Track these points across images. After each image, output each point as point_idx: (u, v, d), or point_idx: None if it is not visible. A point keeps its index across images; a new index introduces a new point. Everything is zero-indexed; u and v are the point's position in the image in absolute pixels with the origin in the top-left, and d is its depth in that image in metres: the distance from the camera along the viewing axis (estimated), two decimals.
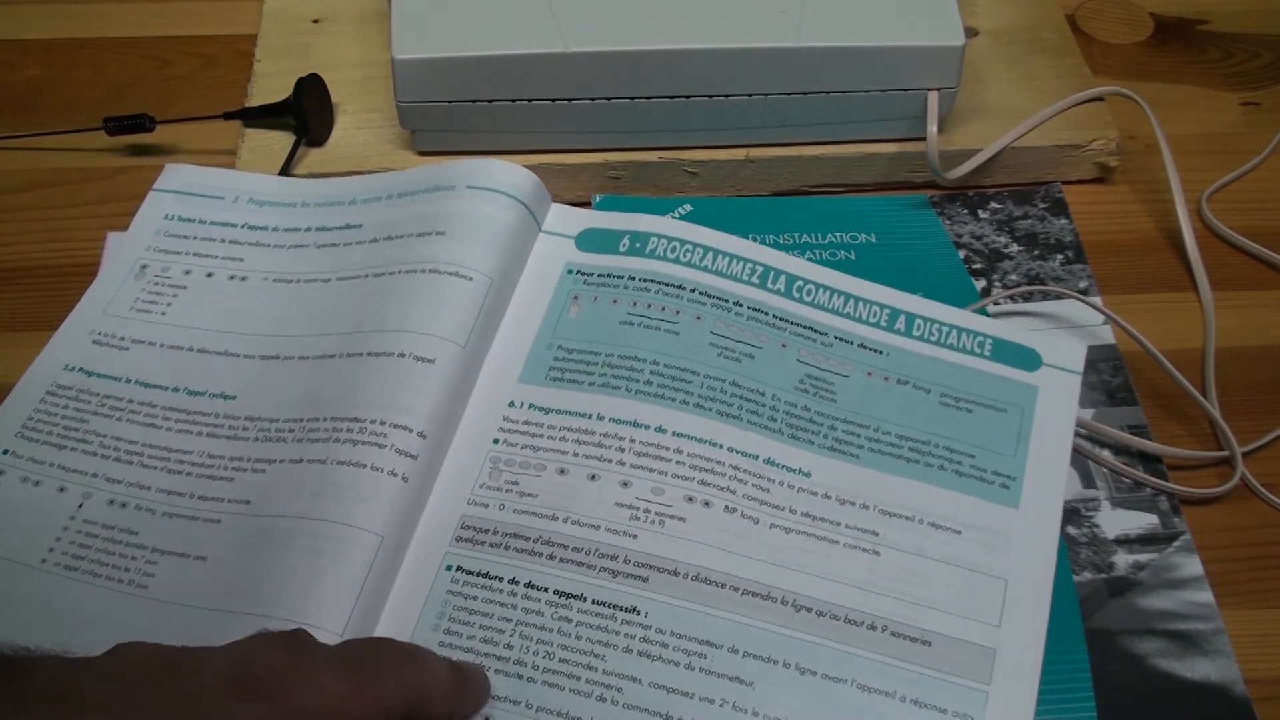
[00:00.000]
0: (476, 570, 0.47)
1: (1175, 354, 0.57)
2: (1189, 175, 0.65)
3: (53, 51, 0.71)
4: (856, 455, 0.51)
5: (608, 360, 0.53)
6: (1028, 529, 0.49)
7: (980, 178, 0.66)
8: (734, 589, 0.47)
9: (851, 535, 0.49)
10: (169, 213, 0.60)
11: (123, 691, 0.36)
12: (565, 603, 0.46)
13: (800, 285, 0.56)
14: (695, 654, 0.45)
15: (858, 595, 0.47)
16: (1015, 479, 0.51)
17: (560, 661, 0.45)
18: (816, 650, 0.46)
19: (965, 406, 0.53)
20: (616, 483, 0.49)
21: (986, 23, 0.72)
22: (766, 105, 0.63)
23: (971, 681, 0.46)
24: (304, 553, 0.46)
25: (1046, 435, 0.52)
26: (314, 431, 0.50)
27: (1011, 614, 0.47)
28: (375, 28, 0.69)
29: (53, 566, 0.47)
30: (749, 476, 0.50)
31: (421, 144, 0.64)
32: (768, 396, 0.52)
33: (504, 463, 0.50)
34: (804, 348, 0.54)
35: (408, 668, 0.41)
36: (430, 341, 0.51)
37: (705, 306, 0.54)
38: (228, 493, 0.49)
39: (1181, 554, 0.52)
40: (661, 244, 0.56)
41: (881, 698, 0.45)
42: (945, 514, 0.50)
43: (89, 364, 0.54)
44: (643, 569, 0.47)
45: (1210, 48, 0.75)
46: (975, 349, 0.55)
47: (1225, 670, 0.49)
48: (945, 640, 0.46)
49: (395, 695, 0.40)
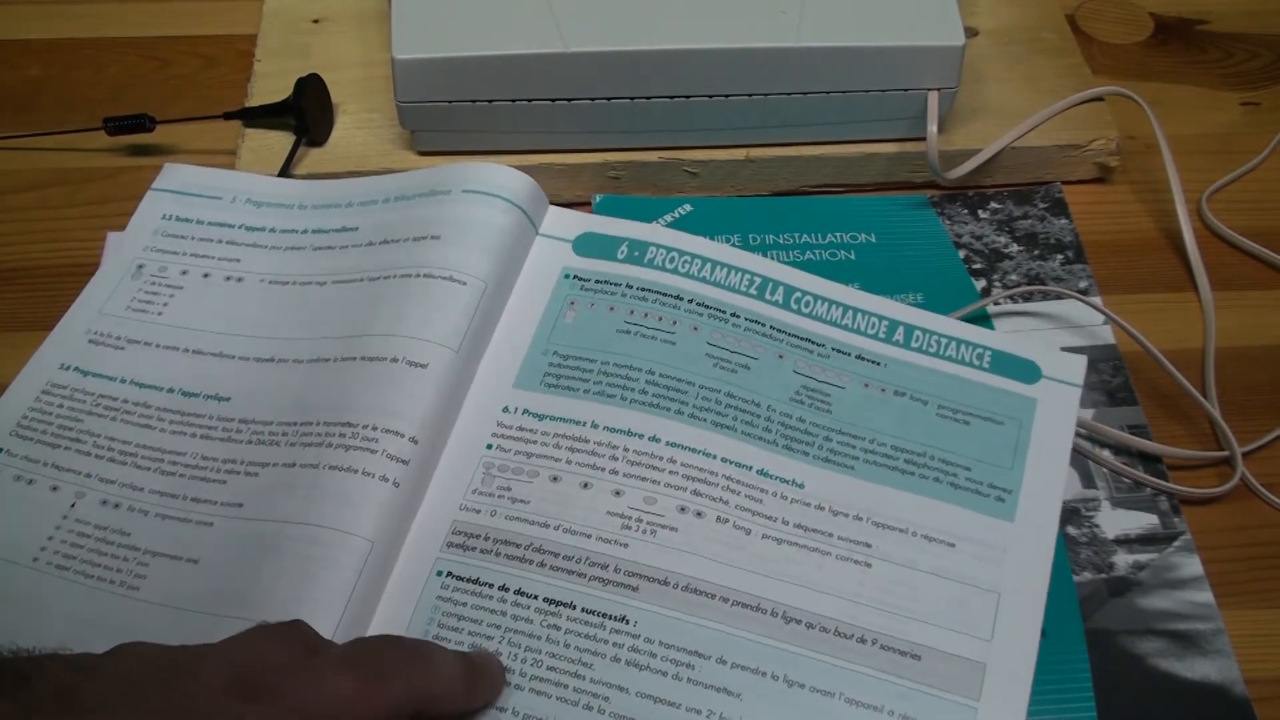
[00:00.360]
0: (467, 576, 0.47)
1: (1175, 354, 0.57)
2: (1189, 175, 0.65)
3: (53, 51, 0.71)
4: (851, 467, 0.51)
5: (603, 368, 0.52)
6: (1023, 542, 0.49)
7: (980, 178, 0.66)
8: (724, 600, 0.47)
9: (844, 547, 0.49)
10: (167, 213, 0.59)
11: (125, 694, 0.36)
12: (554, 610, 0.46)
13: (799, 297, 0.56)
14: (683, 664, 0.45)
15: (848, 608, 0.47)
16: (1012, 492, 0.50)
17: (548, 669, 0.45)
18: (805, 662, 0.46)
19: (962, 419, 0.53)
20: (609, 491, 0.49)
21: (986, 23, 0.72)
22: (766, 105, 0.63)
23: (961, 697, 0.45)
24: (295, 557, 0.46)
25: (1044, 448, 0.52)
26: (307, 436, 0.49)
27: (1004, 628, 0.47)
28: (375, 28, 0.69)
29: (44, 565, 0.47)
30: (742, 487, 0.50)
31: (421, 144, 0.64)
32: (763, 407, 0.52)
33: (497, 468, 0.50)
34: (801, 359, 0.54)
35: (415, 666, 0.41)
36: (423, 346, 0.51)
37: (702, 317, 0.54)
38: (220, 495, 0.49)
39: (1181, 554, 0.52)
40: (660, 254, 0.56)
41: (870, 712, 0.45)
42: (939, 526, 0.49)
43: (84, 363, 0.54)
44: (633, 578, 0.47)
45: (1210, 48, 0.75)
46: (974, 361, 0.54)
47: (1225, 670, 0.49)
48: (935, 654, 0.46)
49: (402, 695, 0.39)
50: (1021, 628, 0.47)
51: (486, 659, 0.44)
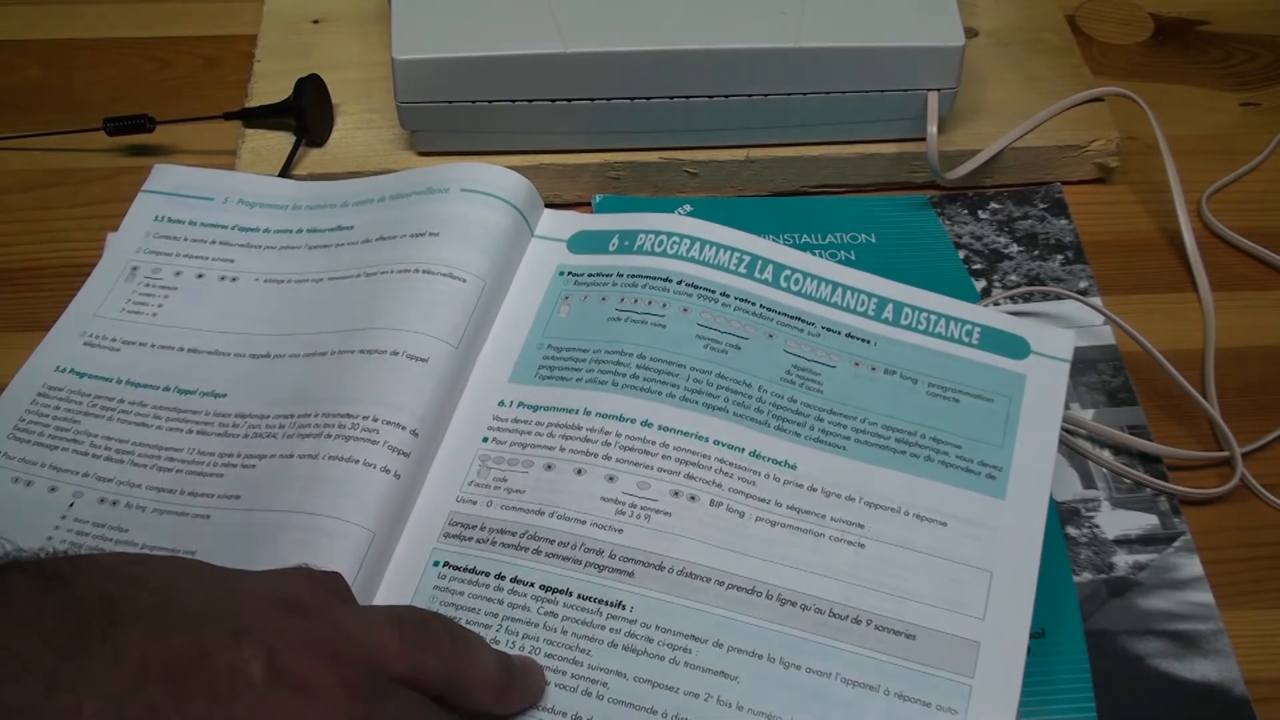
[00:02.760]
0: (463, 566, 0.47)
1: (1175, 354, 0.57)
2: (1189, 175, 0.65)
3: (53, 51, 0.71)
4: (843, 447, 0.51)
5: (595, 356, 0.53)
6: (1014, 520, 0.49)
7: (980, 178, 0.66)
8: (719, 583, 0.47)
9: (837, 528, 0.49)
10: (159, 214, 0.59)
11: (168, 600, 0.36)
12: (551, 597, 0.46)
13: (788, 274, 0.56)
14: (680, 648, 0.45)
15: (843, 589, 0.47)
16: (1002, 469, 0.50)
17: (546, 656, 0.45)
18: (801, 644, 0.46)
19: (952, 396, 0.52)
20: (602, 477, 0.49)
21: (986, 23, 0.72)
22: (766, 106, 0.63)
23: (955, 675, 0.45)
24: (294, 546, 0.46)
25: (1034, 424, 0.51)
26: (305, 427, 0.50)
27: (996, 606, 0.47)
28: (375, 28, 0.69)
29: None
30: (735, 469, 0.50)
31: (421, 144, 0.64)
32: (754, 388, 0.52)
33: (493, 460, 0.50)
34: (791, 338, 0.54)
35: (457, 646, 0.41)
36: (424, 341, 0.51)
37: (692, 298, 0.54)
38: (217, 489, 0.49)
39: (1181, 554, 0.52)
40: (649, 239, 0.56)
41: (866, 691, 0.45)
42: (931, 505, 0.49)
43: (80, 365, 0.54)
44: (628, 563, 0.47)
45: (1210, 48, 0.75)
46: (963, 337, 0.54)
47: (1225, 670, 0.49)
48: (929, 633, 0.46)
49: (435, 668, 0.39)
50: (1014, 605, 0.47)
51: (529, 670, 0.44)
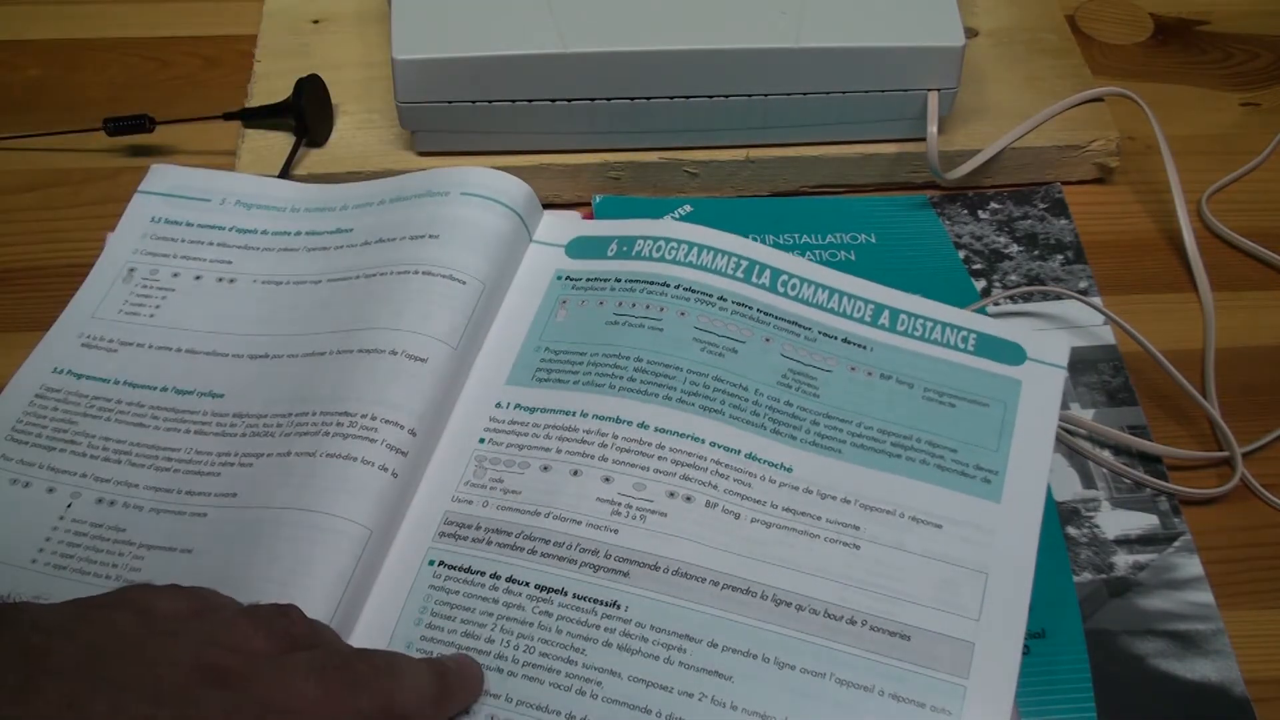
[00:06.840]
0: (459, 565, 0.47)
1: (1175, 354, 0.57)
2: (1189, 175, 0.65)
3: (53, 51, 0.71)
4: (838, 450, 0.51)
5: (592, 359, 0.53)
6: (1009, 523, 0.49)
7: (980, 178, 0.66)
8: (714, 583, 0.47)
9: (832, 529, 0.49)
10: (155, 215, 0.59)
11: (91, 662, 0.36)
12: (546, 597, 0.46)
13: (785, 280, 0.56)
14: (675, 648, 0.45)
15: (837, 590, 0.47)
16: (998, 473, 0.50)
17: (541, 655, 0.45)
18: (796, 645, 0.46)
19: (948, 401, 0.53)
20: (598, 478, 0.49)
21: (986, 23, 0.72)
22: (766, 106, 0.63)
23: (950, 676, 0.45)
24: (291, 542, 0.46)
25: (1030, 430, 0.52)
26: (302, 425, 0.50)
27: (991, 608, 0.47)
28: (375, 28, 0.69)
29: (43, 566, 0.48)
30: (730, 471, 0.50)
31: (422, 144, 0.64)
32: (750, 391, 0.52)
33: (489, 461, 0.50)
34: (787, 342, 0.54)
35: (383, 680, 0.41)
36: (423, 341, 0.51)
37: (689, 302, 0.54)
38: (214, 487, 0.49)
39: (1181, 554, 0.52)
40: (647, 245, 0.56)
41: (860, 692, 0.45)
42: (926, 508, 0.49)
43: (77, 366, 0.54)
44: (623, 564, 0.47)
45: (1210, 48, 0.75)
46: (959, 344, 0.54)
47: (1225, 670, 0.49)
48: (924, 634, 0.46)
49: (368, 708, 0.40)
50: (1009, 606, 0.47)
51: (464, 668, 0.44)
